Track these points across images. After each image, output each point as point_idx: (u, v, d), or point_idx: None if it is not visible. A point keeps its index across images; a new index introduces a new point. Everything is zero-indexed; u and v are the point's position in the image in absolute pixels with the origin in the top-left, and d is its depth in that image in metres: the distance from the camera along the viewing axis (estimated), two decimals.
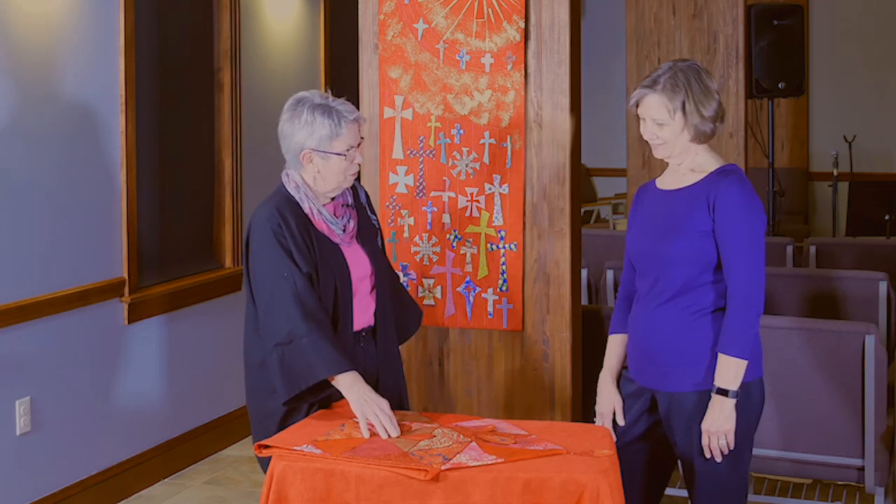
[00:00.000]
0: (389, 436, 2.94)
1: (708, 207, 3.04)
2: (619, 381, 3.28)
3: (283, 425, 3.14)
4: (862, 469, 3.96)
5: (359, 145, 3.21)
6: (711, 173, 3.10)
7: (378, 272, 3.32)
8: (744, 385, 3.05)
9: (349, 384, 3.04)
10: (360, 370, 3.13)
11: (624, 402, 3.25)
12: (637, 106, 3.13)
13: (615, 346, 3.30)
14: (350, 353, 3.15)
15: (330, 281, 3.17)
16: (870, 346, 3.89)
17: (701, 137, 3.09)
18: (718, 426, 3.02)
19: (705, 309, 3.07)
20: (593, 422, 3.31)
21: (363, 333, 3.28)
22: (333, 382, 3.06)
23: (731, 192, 3.03)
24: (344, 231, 3.24)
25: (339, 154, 3.17)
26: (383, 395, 3.25)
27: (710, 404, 3.03)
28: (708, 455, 3.05)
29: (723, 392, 3.01)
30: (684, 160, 3.14)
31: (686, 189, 3.12)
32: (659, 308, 3.11)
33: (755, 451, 4.05)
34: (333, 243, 3.22)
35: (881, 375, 3.90)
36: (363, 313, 3.28)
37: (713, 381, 3.05)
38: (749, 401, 3.08)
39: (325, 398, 3.15)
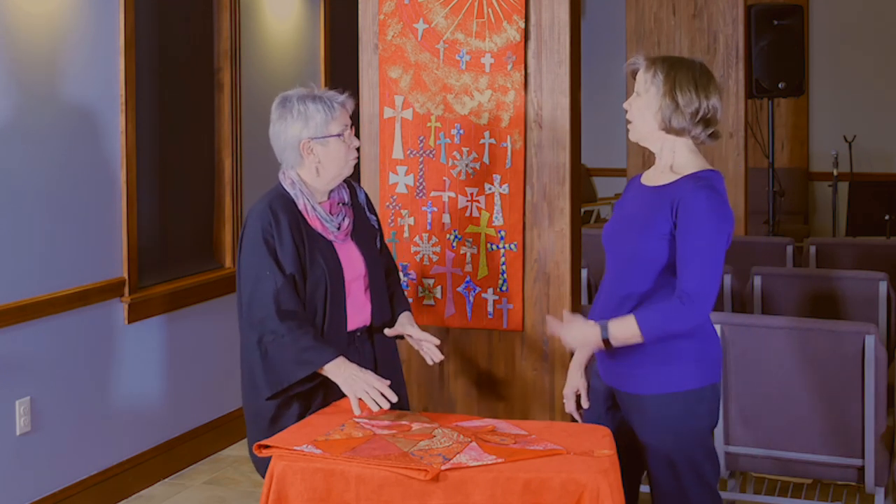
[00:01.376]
0: (381, 407, 3.04)
1: (671, 212, 2.99)
2: (590, 372, 3.30)
3: (273, 424, 3.16)
4: (862, 469, 3.96)
5: (352, 127, 3.27)
6: (685, 177, 3.05)
7: (372, 272, 3.32)
8: (695, 391, 3.03)
9: (336, 366, 3.10)
10: None
11: (590, 389, 3.27)
12: (633, 76, 3.14)
13: None
14: (333, 345, 3.17)
15: (321, 278, 3.19)
16: (870, 346, 3.89)
17: (668, 124, 3.03)
18: (573, 338, 3.08)
19: None
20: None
21: (358, 333, 3.29)
22: (322, 373, 3.12)
23: (696, 199, 2.96)
24: (339, 229, 3.25)
25: (337, 135, 3.21)
26: None
27: (589, 323, 3.05)
28: (548, 331, 3.11)
29: (603, 333, 3.00)
30: (662, 153, 3.10)
31: (660, 188, 3.08)
32: (619, 308, 3.08)
33: (755, 452, 4.06)
34: (327, 241, 3.23)
35: (881, 375, 3.90)
36: (358, 312, 3.28)
37: (670, 385, 3.02)
38: (699, 406, 3.05)
39: (311, 388, 3.18)
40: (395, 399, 3.06)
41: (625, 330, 2.99)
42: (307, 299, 3.18)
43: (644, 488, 3.42)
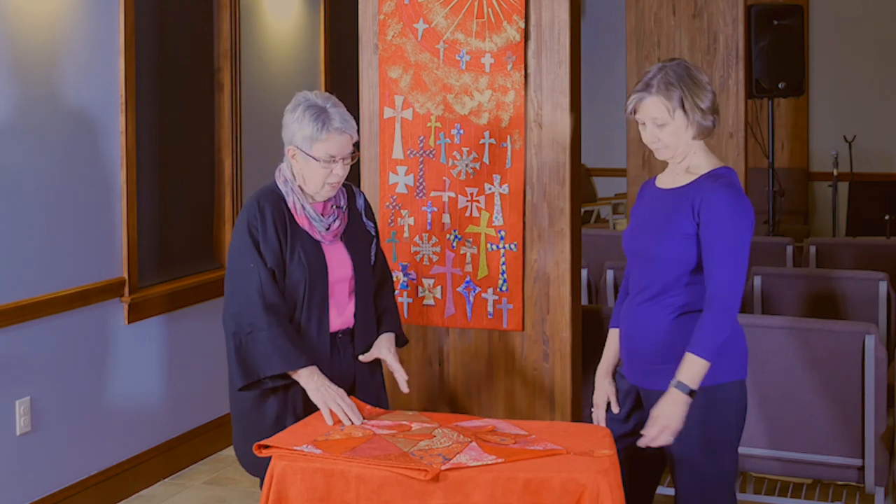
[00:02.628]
0: (352, 422, 3.04)
1: (693, 211, 3.04)
2: (616, 374, 3.31)
3: (250, 418, 3.19)
4: (862, 469, 3.96)
5: (345, 159, 3.18)
6: (701, 176, 3.10)
7: (360, 276, 3.31)
8: (722, 386, 3.05)
9: (307, 375, 3.12)
10: (336, 372, 3.20)
11: (618, 393, 3.27)
12: (635, 112, 3.14)
13: (613, 340, 3.33)
14: (309, 349, 3.18)
15: (301, 276, 3.18)
16: (870, 346, 3.89)
17: (703, 132, 3.09)
18: (666, 420, 2.99)
19: (688, 309, 3.08)
20: (591, 416, 3.33)
21: (339, 335, 3.28)
22: (294, 377, 3.13)
23: (717, 197, 3.02)
24: (327, 229, 3.24)
25: (316, 160, 3.17)
26: (360, 398, 3.28)
27: (666, 395, 3.01)
28: (644, 443, 3.03)
29: (682, 389, 2.99)
30: (685, 159, 3.14)
31: (678, 190, 3.13)
32: (644, 306, 3.13)
33: (755, 452, 4.06)
34: (314, 240, 3.23)
35: (881, 375, 3.90)
36: (340, 314, 3.28)
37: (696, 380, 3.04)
38: (727, 402, 3.07)
39: (292, 388, 3.18)
40: (359, 422, 3.07)
41: (695, 371, 3.00)
42: (287, 295, 3.19)
43: (661, 489, 3.43)
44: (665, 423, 3.00)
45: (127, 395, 4.91)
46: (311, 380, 3.11)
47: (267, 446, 2.90)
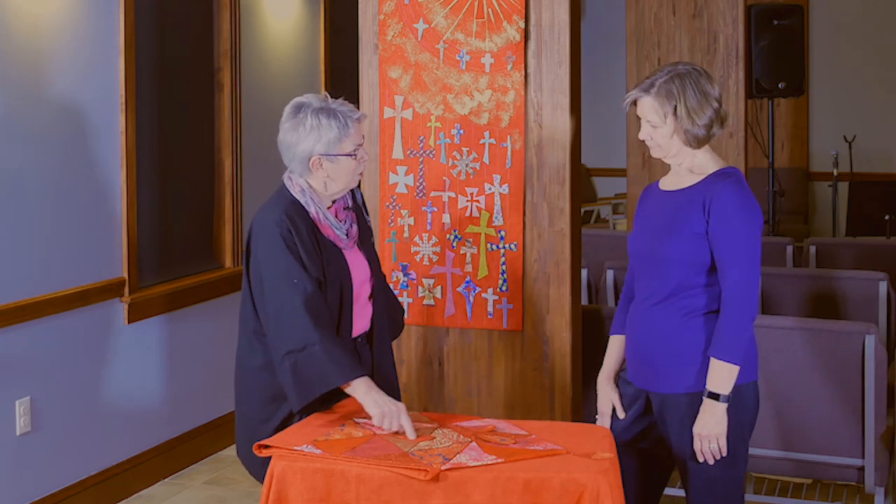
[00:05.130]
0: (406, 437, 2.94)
1: (703, 210, 3.04)
2: (618, 381, 3.30)
3: (279, 430, 3.13)
4: (862, 469, 3.96)
5: (363, 141, 3.21)
6: (709, 175, 3.10)
7: (377, 278, 3.30)
8: (737, 388, 3.04)
9: (364, 391, 3.01)
10: None
11: (622, 398, 3.27)
12: (635, 105, 3.15)
13: (614, 346, 3.32)
14: (358, 359, 3.14)
15: (336, 287, 3.15)
16: (870, 346, 3.89)
17: (694, 142, 3.09)
18: (710, 430, 3.02)
19: (698, 311, 3.07)
20: (594, 421, 3.33)
21: (359, 339, 3.26)
22: (348, 390, 3.04)
23: (727, 195, 3.03)
24: (347, 235, 3.22)
25: (349, 155, 3.15)
26: None
27: (702, 408, 3.03)
28: (700, 459, 3.05)
29: (714, 396, 3.01)
30: (682, 161, 3.15)
31: (684, 191, 3.13)
32: (653, 308, 3.12)
33: (756, 451, 4.06)
34: (338, 248, 3.20)
35: (881, 375, 3.90)
36: (361, 319, 3.26)
37: (706, 382, 3.05)
38: (742, 404, 3.07)
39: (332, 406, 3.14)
40: (413, 437, 2.96)
41: (721, 375, 3.01)
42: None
43: (669, 490, 3.43)
44: (709, 434, 3.02)
45: (127, 395, 4.91)
46: (368, 394, 3.00)
47: (267, 446, 2.90)
